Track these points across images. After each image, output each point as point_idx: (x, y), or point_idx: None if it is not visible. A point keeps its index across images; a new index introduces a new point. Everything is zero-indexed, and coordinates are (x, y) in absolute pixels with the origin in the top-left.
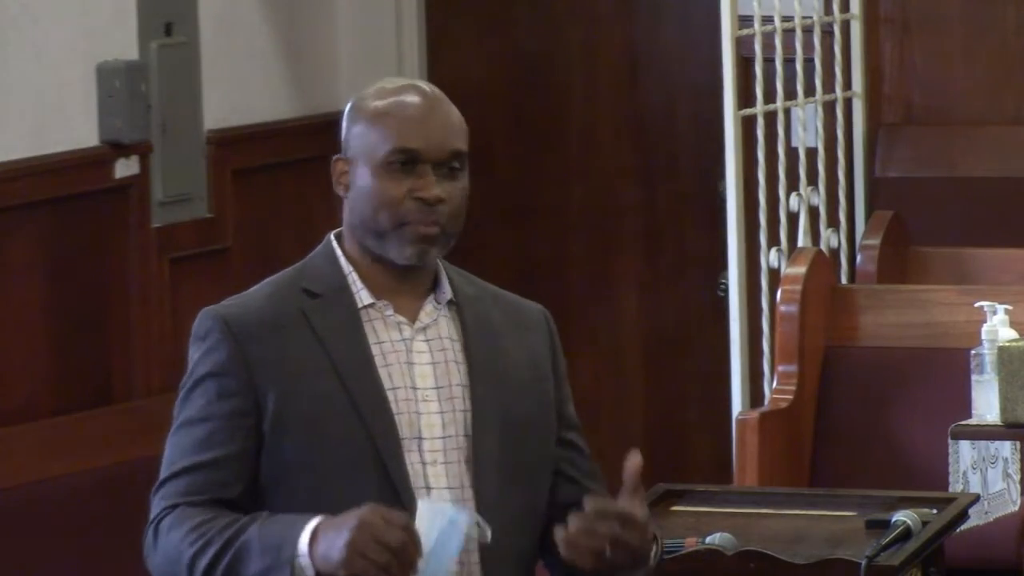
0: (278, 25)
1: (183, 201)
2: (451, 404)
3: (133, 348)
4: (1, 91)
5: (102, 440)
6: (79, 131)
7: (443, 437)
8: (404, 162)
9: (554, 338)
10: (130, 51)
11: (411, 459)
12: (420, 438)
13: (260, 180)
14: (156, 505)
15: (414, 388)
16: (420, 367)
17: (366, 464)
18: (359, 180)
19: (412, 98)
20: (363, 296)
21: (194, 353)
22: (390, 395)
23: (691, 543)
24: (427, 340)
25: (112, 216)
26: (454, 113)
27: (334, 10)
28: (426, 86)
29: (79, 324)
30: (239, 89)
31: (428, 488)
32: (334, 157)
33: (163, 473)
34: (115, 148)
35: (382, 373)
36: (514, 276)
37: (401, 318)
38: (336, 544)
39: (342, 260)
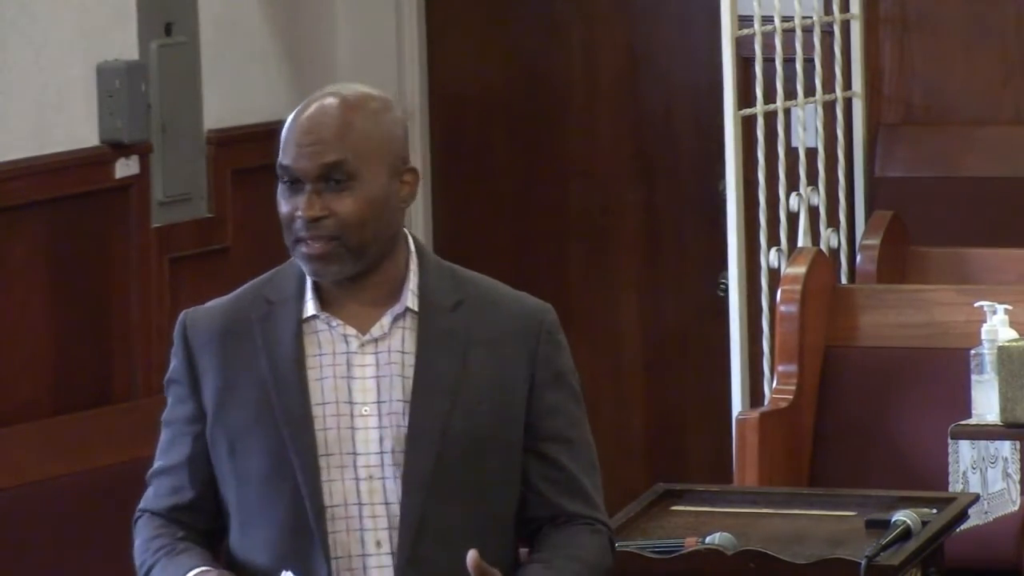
0: (278, 25)
1: (183, 201)
2: (391, 419)
3: (133, 348)
4: (1, 91)
5: (102, 440)
6: (79, 131)
7: (379, 453)
8: (288, 181)
9: (542, 345)
10: (130, 51)
11: (344, 475)
12: (355, 453)
13: (260, 180)
14: (139, 502)
15: (350, 403)
16: (361, 381)
17: (282, 478)
18: None
19: (306, 111)
20: (309, 307)
21: None
22: (318, 410)
23: (691, 543)
24: (376, 353)
25: (112, 216)
26: (343, 123)
27: (334, 10)
28: (334, 95)
29: (79, 324)
30: (239, 89)
31: (360, 504)
32: None
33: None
34: (115, 148)
35: (315, 387)
36: (514, 276)
37: (350, 330)
38: None
39: None
